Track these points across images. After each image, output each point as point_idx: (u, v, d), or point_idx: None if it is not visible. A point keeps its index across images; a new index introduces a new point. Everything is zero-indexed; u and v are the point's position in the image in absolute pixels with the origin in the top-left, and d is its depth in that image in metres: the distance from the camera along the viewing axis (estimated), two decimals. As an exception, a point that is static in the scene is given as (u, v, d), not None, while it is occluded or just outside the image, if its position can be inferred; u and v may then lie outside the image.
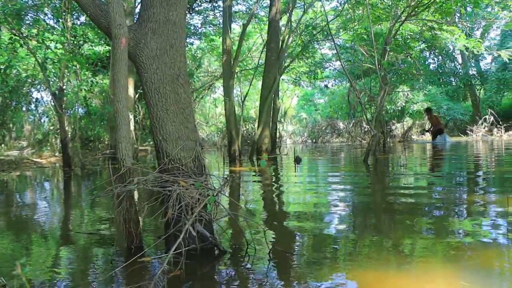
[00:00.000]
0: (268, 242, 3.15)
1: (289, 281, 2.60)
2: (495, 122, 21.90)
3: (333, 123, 26.34)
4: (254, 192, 6.27)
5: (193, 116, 3.52)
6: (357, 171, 9.03)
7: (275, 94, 15.27)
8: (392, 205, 4.99)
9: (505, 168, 8.36)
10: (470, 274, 2.58)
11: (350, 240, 3.48)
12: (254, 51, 23.67)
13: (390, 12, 14.91)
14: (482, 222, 3.87)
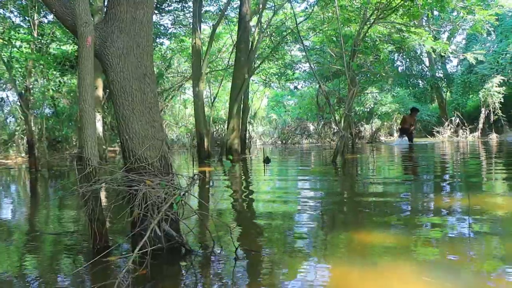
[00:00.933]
0: (235, 241, 3.16)
1: (255, 279, 2.62)
2: (460, 123, 22.33)
3: (302, 124, 26.47)
4: (222, 192, 6.27)
5: (160, 115, 3.51)
6: (325, 172, 9.10)
7: (245, 95, 15.27)
8: (360, 203, 5.07)
9: (469, 168, 8.53)
10: (435, 268, 2.63)
11: (318, 238, 3.52)
12: (224, 51, 23.64)
13: (359, 14, 15.06)
14: (446, 218, 4.02)
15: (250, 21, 14.54)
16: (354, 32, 15.01)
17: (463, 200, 4.61)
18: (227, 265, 2.88)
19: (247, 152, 15.21)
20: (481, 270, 2.62)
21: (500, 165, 9.00)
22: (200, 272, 2.80)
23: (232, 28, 20.23)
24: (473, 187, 5.92)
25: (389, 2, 13.12)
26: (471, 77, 23.46)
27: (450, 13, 18.21)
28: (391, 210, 4.57)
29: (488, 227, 3.61)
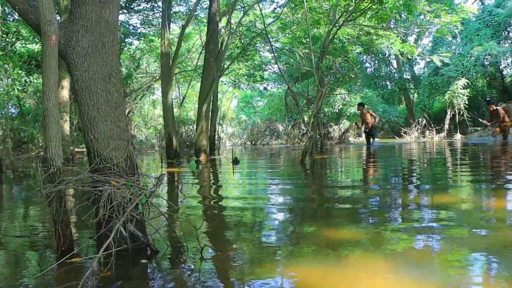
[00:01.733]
0: (201, 240, 3.16)
1: (221, 279, 2.62)
2: (427, 124, 22.73)
3: (272, 125, 26.54)
4: (190, 192, 6.25)
5: (125, 115, 3.49)
6: (294, 172, 9.15)
7: (214, 96, 15.26)
8: (329, 201, 5.13)
9: (435, 167, 8.67)
10: (401, 261, 2.68)
11: (287, 236, 3.55)
12: (193, 52, 23.58)
13: (328, 16, 15.19)
14: (411, 214, 4.12)
15: (220, 22, 14.54)
16: (323, 33, 15.13)
17: (426, 197, 4.69)
18: (193, 265, 2.87)
19: (216, 153, 15.19)
20: (444, 262, 2.68)
21: (459, 163, 9.19)
22: (165, 272, 2.79)
23: (202, 29, 20.19)
24: (436, 185, 6.04)
25: (357, 5, 13.26)
26: (437, 79, 23.86)
27: (417, 17, 18.49)
28: (359, 208, 4.64)
29: (451, 222, 3.69)
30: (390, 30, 17.42)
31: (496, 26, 23.55)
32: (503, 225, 3.62)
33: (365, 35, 16.89)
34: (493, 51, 21.83)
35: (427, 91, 25.36)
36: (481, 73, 23.94)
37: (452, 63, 22.45)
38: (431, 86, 24.79)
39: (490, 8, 24.91)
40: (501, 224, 3.66)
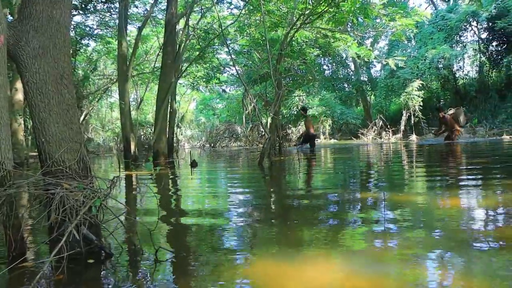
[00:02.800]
0: (157, 243, 3.14)
1: (176, 281, 2.61)
2: (384, 126, 23.15)
3: (231, 128, 26.57)
4: (147, 195, 6.20)
5: (78, 117, 3.44)
6: (252, 174, 9.18)
7: (172, 98, 15.17)
8: (287, 203, 5.16)
9: (391, 167, 8.84)
10: (356, 257, 2.73)
11: (245, 237, 3.55)
12: (151, 54, 23.40)
13: (285, 19, 15.30)
14: (369, 215, 4.18)
15: (177, 24, 14.47)
16: (281, 36, 15.23)
17: (382, 196, 4.78)
18: (148, 268, 2.86)
19: (175, 156, 15.09)
20: (400, 258, 2.74)
21: (414, 163, 9.39)
22: (119, 275, 2.76)
23: (159, 31, 20.06)
24: (392, 185, 6.16)
25: (314, 8, 13.39)
26: (393, 81, 24.33)
27: (373, 20, 18.80)
28: (317, 208, 4.69)
29: (406, 220, 3.77)
30: (347, 33, 17.66)
31: (449, 30, 24.18)
32: (456, 223, 3.72)
33: (323, 38, 17.09)
34: (446, 54, 22.41)
35: (383, 93, 25.83)
36: (435, 76, 24.55)
37: (407, 65, 22.93)
38: (387, 88, 25.26)
39: (442, 13, 25.57)
40: (454, 222, 3.76)
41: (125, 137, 13.91)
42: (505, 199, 4.68)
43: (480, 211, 4.16)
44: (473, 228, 3.52)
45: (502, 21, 21.44)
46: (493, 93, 23.55)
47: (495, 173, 7.23)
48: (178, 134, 23.73)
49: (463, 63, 27.35)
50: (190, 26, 15.75)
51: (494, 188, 5.53)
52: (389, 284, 2.39)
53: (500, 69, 24.53)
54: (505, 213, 3.98)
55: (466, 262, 2.68)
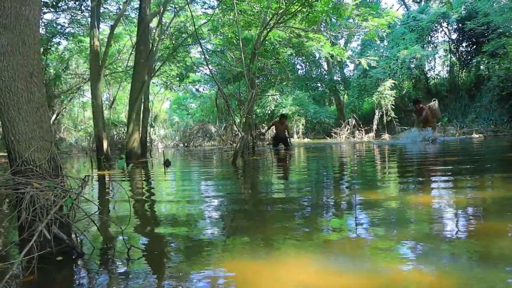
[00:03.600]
0: (129, 241, 3.12)
1: (149, 279, 2.60)
2: (357, 125, 23.37)
3: (204, 127, 26.50)
4: (120, 194, 6.16)
5: (48, 116, 3.39)
6: (226, 173, 9.17)
7: (146, 97, 15.06)
8: (261, 200, 5.17)
9: (364, 166, 8.93)
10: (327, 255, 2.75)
11: (218, 235, 3.55)
12: (124, 53, 23.21)
13: (259, 18, 15.32)
14: (342, 211, 4.28)
15: (151, 23, 14.38)
16: (254, 35, 15.26)
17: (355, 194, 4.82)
18: (120, 266, 2.84)
19: (148, 155, 14.99)
20: (373, 254, 2.77)
21: (386, 162, 9.51)
22: (91, 275, 2.74)
23: (132, 29, 19.91)
24: (364, 182, 6.23)
25: (288, 8, 13.45)
26: (366, 81, 24.59)
27: (346, 20, 18.97)
28: (292, 205, 4.72)
29: (378, 217, 3.82)
30: (320, 32, 17.77)
31: (420, 31, 24.56)
32: (427, 219, 3.78)
33: (296, 38, 17.17)
34: (418, 54, 22.75)
35: (356, 93, 26.09)
36: (407, 76, 24.87)
37: (379, 65, 23.21)
38: (360, 88, 25.53)
39: (414, 14, 25.96)
40: (425, 218, 3.83)
41: (98, 137, 13.78)
42: (475, 196, 4.77)
43: (450, 208, 4.23)
44: (444, 224, 3.58)
45: (471, 22, 21.85)
46: (463, 93, 23.98)
47: (465, 171, 7.35)
48: (151, 134, 23.59)
49: (434, 63, 27.83)
50: (163, 25, 15.65)
51: (464, 185, 5.63)
52: (361, 278, 2.42)
53: (470, 69, 25.00)
54: (475, 210, 4.06)
55: (437, 256, 2.73)
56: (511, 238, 3.12)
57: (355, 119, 23.72)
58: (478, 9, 22.23)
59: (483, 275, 2.37)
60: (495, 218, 3.81)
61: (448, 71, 27.01)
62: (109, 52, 15.76)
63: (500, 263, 2.56)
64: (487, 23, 21.26)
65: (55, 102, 23.24)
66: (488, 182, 5.91)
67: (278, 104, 26.27)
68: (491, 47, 20.66)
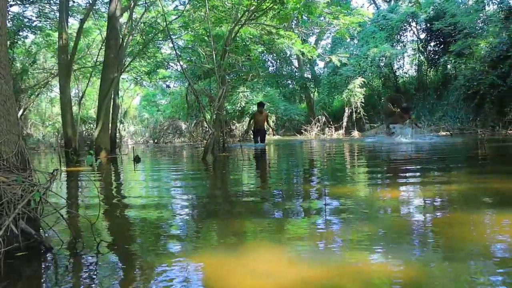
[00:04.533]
0: (98, 236, 3.11)
1: (118, 273, 2.59)
2: (327, 122, 23.55)
3: (175, 123, 26.37)
4: (90, 190, 6.11)
5: (16, 109, 3.34)
6: (196, 169, 9.16)
7: (115, 93, 14.91)
8: (231, 196, 5.19)
9: (333, 162, 9.02)
10: (296, 247, 2.78)
11: (188, 230, 3.55)
12: (93, 48, 22.89)
13: (230, 14, 15.29)
14: (312, 206, 4.30)
15: (121, 17, 14.23)
16: (226, 32, 15.23)
17: (324, 189, 4.88)
18: (89, 260, 2.82)
19: (118, 152, 14.87)
20: (343, 247, 2.81)
21: (355, 158, 9.63)
22: (60, 269, 2.72)
23: (102, 24, 19.64)
24: (333, 178, 6.30)
25: (259, 5, 13.45)
26: (336, 78, 24.78)
27: (317, 18, 19.07)
28: (262, 200, 4.76)
29: (343, 210, 3.88)
30: (291, 30, 17.83)
31: (390, 30, 24.85)
32: (395, 212, 3.85)
33: (267, 35, 17.17)
34: (387, 53, 23.03)
35: (326, 90, 26.26)
36: (377, 74, 25.16)
37: (350, 63, 23.42)
38: (330, 85, 25.70)
39: (384, 13, 26.24)
40: (393, 210, 3.90)
41: (66, 133, 13.58)
42: (440, 190, 4.87)
43: (416, 202, 4.33)
44: (411, 216, 3.67)
45: (439, 23, 22.23)
46: (431, 91, 24.35)
47: (432, 167, 7.49)
48: (121, 130, 23.35)
49: (403, 62, 28.19)
50: (133, 20, 15.50)
51: (429, 180, 5.74)
52: (331, 269, 2.46)
53: (437, 68, 25.40)
54: (440, 203, 4.16)
55: (405, 248, 2.79)
56: (474, 229, 3.20)
57: (325, 116, 23.91)
58: (446, 9, 22.63)
59: (448, 264, 2.43)
60: (460, 210, 3.90)
61: (417, 70, 27.38)
62: (78, 46, 15.54)
63: (463, 252, 2.63)
64: (454, 23, 21.65)
65: (22, 97, 22.83)
66: (454, 178, 6.04)
67: (248, 101, 26.30)
68: (458, 47, 21.06)
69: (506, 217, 3.51)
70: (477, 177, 6.05)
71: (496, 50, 18.55)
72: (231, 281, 2.36)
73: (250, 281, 2.36)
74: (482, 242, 2.88)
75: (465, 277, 2.26)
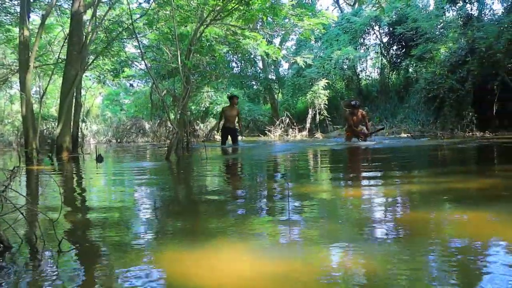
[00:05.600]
0: (58, 234, 3.07)
1: (79, 270, 2.57)
2: (290, 123, 23.71)
3: (138, 123, 26.16)
4: (51, 188, 6.02)
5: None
6: (158, 168, 9.12)
7: (78, 91, 14.69)
8: (195, 195, 5.20)
9: (296, 163, 9.09)
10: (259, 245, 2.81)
11: (151, 228, 3.54)
12: (55, 45, 22.51)
13: (196, 14, 15.26)
14: (272, 204, 4.36)
15: (84, 14, 14.04)
16: (191, 31, 15.18)
17: (284, 188, 4.92)
18: (49, 259, 2.79)
19: (80, 151, 14.66)
20: (305, 243, 2.85)
21: (317, 160, 9.74)
22: (19, 268, 2.68)
23: (65, 21, 19.34)
24: (296, 178, 6.36)
25: (225, 5, 13.47)
26: (300, 80, 24.98)
27: (282, 20, 19.19)
28: (226, 200, 4.77)
29: (306, 209, 3.93)
30: (256, 31, 17.89)
31: (353, 33, 25.23)
32: (357, 209, 3.93)
33: (232, 35, 17.19)
34: (351, 55, 23.37)
35: (290, 92, 26.45)
36: (340, 76, 25.46)
37: (314, 65, 23.66)
38: (295, 87, 25.89)
39: (348, 16, 26.60)
40: (355, 208, 3.98)
41: (26, 131, 13.31)
42: (401, 190, 4.98)
43: (378, 200, 4.42)
44: (373, 213, 3.75)
45: (401, 27, 22.69)
46: (393, 94, 24.79)
47: (393, 167, 7.64)
48: (83, 129, 23.03)
49: (366, 64, 28.64)
50: (97, 18, 15.31)
51: (391, 181, 5.86)
52: (294, 265, 2.49)
53: (399, 71, 25.90)
54: (401, 201, 4.26)
55: (365, 243, 2.84)
56: (433, 225, 3.29)
57: (289, 118, 24.05)
58: (408, 14, 23.09)
59: (408, 258, 2.50)
60: (419, 208, 4.00)
61: (379, 73, 27.84)
62: (40, 43, 15.27)
63: (423, 247, 2.71)
64: (416, 28, 22.12)
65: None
66: (415, 178, 6.18)
67: (212, 101, 26.29)
68: (419, 51, 21.54)
69: (462, 214, 3.63)
70: (436, 177, 6.20)
71: (455, 55, 19.01)
72: (192, 278, 2.37)
73: (212, 277, 2.38)
74: (440, 237, 2.98)
75: (424, 271, 2.33)
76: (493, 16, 19.90)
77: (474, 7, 21.01)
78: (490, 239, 2.92)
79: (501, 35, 16.60)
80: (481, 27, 18.21)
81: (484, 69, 17.02)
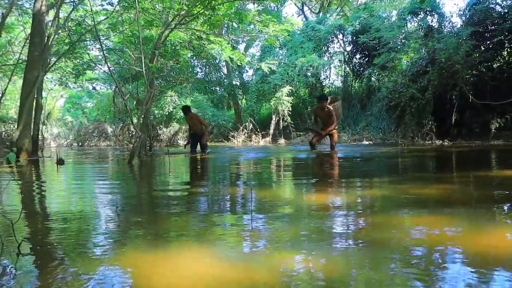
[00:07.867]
0: (17, 235, 3.03)
1: (40, 273, 2.54)
2: (254, 129, 23.77)
3: (100, 126, 25.83)
4: (11, 191, 5.90)
5: None
6: (121, 172, 9.04)
7: (39, 93, 14.43)
8: (156, 198, 5.19)
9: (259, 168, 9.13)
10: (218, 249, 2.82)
11: (114, 231, 3.52)
12: (15, 46, 22.09)
13: (160, 18, 15.18)
14: (235, 207, 4.42)
15: (47, 15, 13.82)
16: (155, 35, 15.10)
17: (247, 192, 4.95)
18: (9, 261, 2.75)
19: (40, 154, 14.40)
20: (269, 246, 2.88)
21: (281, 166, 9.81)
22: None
23: (26, 21, 19.01)
24: (259, 182, 6.40)
25: (190, 9, 13.44)
26: (264, 86, 25.06)
27: (248, 26, 19.27)
28: (187, 203, 4.77)
29: (267, 213, 3.96)
30: (221, 36, 17.91)
31: (318, 41, 25.48)
32: (320, 215, 3.98)
33: (197, 40, 17.16)
34: (315, 63, 23.60)
35: (254, 97, 26.49)
36: (304, 83, 25.62)
37: (278, 72, 23.81)
38: (259, 93, 25.95)
39: (312, 24, 26.84)
40: (318, 214, 4.03)
41: (-16, 132, 13.05)
42: (364, 194, 5.08)
43: (341, 206, 4.49)
44: (335, 219, 3.80)
45: (364, 36, 23.02)
46: (356, 102, 25.11)
47: (355, 173, 7.76)
48: (44, 132, 22.61)
49: (329, 72, 28.90)
50: (60, 19, 15.07)
51: (354, 185, 5.95)
52: (254, 269, 2.52)
53: (362, 80, 26.25)
54: (362, 206, 4.33)
55: (327, 247, 2.89)
56: (393, 229, 3.36)
57: (252, 124, 24.11)
58: (371, 24, 23.47)
59: (368, 262, 2.55)
60: (380, 212, 4.08)
61: (342, 81, 28.17)
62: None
63: (383, 251, 2.77)
64: (379, 38, 22.48)
65: None
66: (375, 184, 6.29)
67: (176, 106, 26.14)
68: (381, 60, 21.90)
69: (421, 219, 3.72)
70: (396, 183, 6.32)
71: (416, 65, 19.40)
72: (153, 280, 2.38)
73: (172, 279, 2.39)
74: (400, 241, 3.05)
75: (384, 274, 2.39)
76: (453, 28, 20.38)
77: (434, 19, 21.57)
78: (445, 243, 3.01)
79: (460, 47, 17.03)
80: (441, 38, 18.63)
81: (444, 79, 17.40)
